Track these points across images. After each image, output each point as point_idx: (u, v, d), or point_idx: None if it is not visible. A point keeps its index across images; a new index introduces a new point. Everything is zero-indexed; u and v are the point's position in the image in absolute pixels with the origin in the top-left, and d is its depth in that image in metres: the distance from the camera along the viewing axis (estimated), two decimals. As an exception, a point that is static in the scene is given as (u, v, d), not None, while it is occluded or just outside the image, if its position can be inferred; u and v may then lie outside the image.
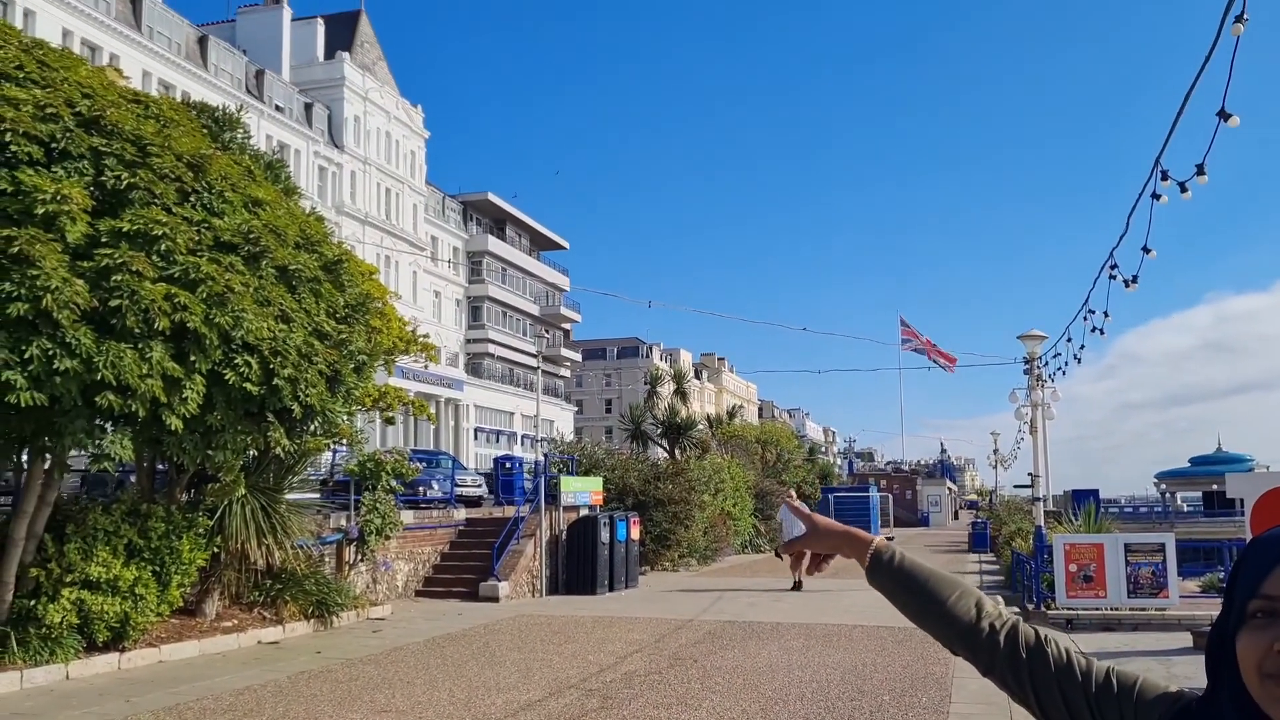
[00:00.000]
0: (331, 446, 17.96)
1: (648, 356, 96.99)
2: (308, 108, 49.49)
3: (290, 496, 15.14)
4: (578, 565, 20.71)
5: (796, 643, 13.57)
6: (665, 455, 33.68)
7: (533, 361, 49.04)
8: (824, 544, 1.93)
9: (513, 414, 65.69)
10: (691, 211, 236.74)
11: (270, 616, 14.37)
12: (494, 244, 66.37)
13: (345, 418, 14.83)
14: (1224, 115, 8.30)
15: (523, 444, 60.10)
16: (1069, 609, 15.53)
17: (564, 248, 78.61)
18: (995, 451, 56.18)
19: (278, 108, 47.14)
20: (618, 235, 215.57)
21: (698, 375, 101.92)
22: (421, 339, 21.52)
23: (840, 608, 17.44)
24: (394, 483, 17.85)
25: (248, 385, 10.75)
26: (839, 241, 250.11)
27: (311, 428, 13.11)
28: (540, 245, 75.74)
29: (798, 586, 20.49)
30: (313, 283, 12.38)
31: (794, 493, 34.34)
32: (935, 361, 59.28)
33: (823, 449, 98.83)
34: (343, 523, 16.98)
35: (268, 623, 14.18)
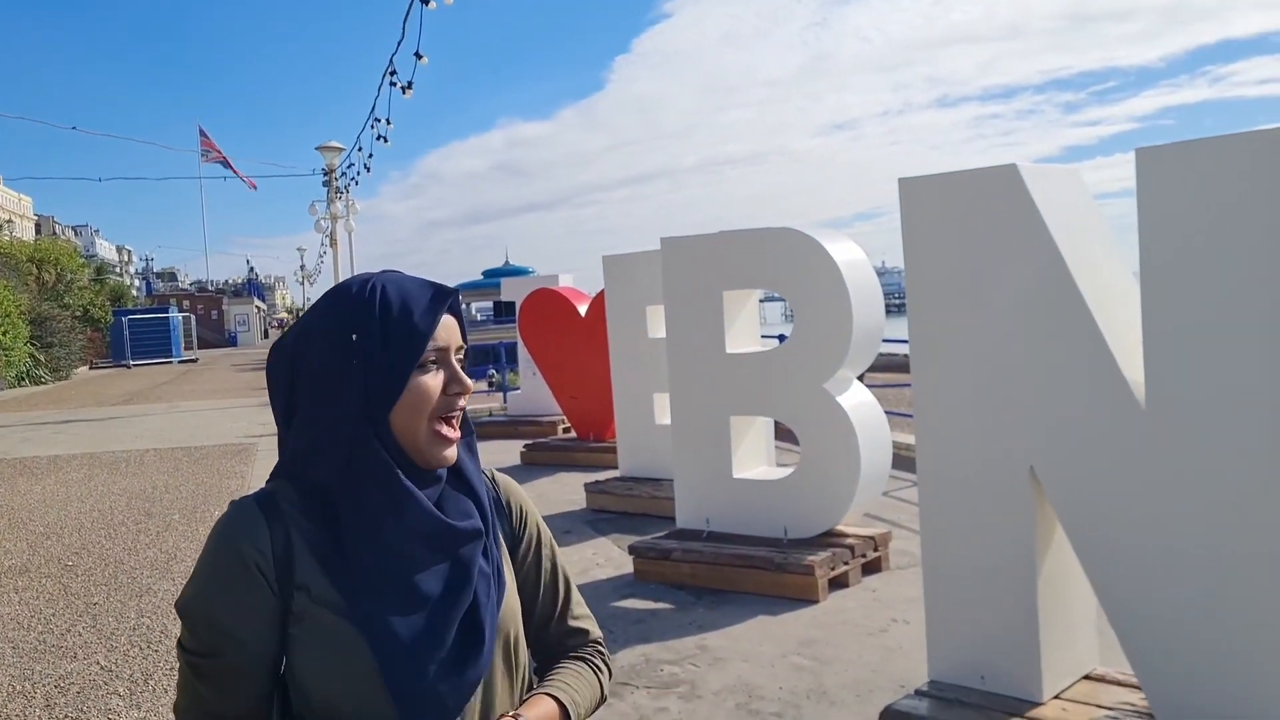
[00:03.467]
0: None
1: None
2: None
3: None
4: None
5: (78, 474, 12.43)
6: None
7: None
8: None
9: None
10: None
11: None
12: None
13: None
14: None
15: None
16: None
17: None
18: (302, 268, 56.37)
19: None
20: None
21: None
22: None
23: (131, 434, 16.35)
24: None
25: None
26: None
27: None
28: None
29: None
30: None
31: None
32: (235, 174, 56.73)
33: (116, 269, 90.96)
34: None
35: None
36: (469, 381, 1.46)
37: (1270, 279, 3.02)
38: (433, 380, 1.42)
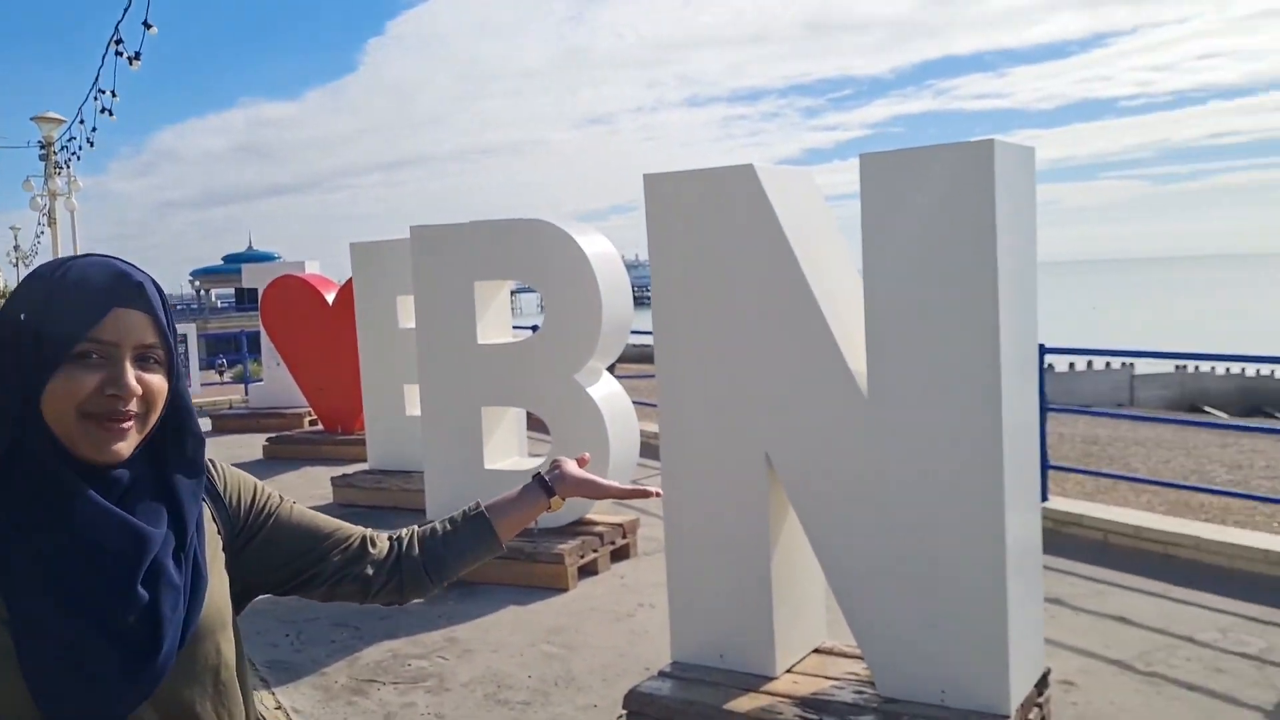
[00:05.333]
0: None
1: None
2: None
3: None
4: None
5: None
6: None
7: None
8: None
9: None
10: None
11: None
12: None
13: None
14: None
15: None
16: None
17: None
18: (16, 248, 51.57)
19: None
20: None
21: None
22: None
23: None
24: None
25: None
26: None
27: None
28: None
29: None
30: None
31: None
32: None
33: None
34: None
35: None
36: (131, 385, 1.34)
37: (976, 277, 3.31)
38: (85, 376, 1.32)
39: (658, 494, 1.94)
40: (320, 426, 11.46)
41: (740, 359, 3.84)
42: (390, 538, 1.75)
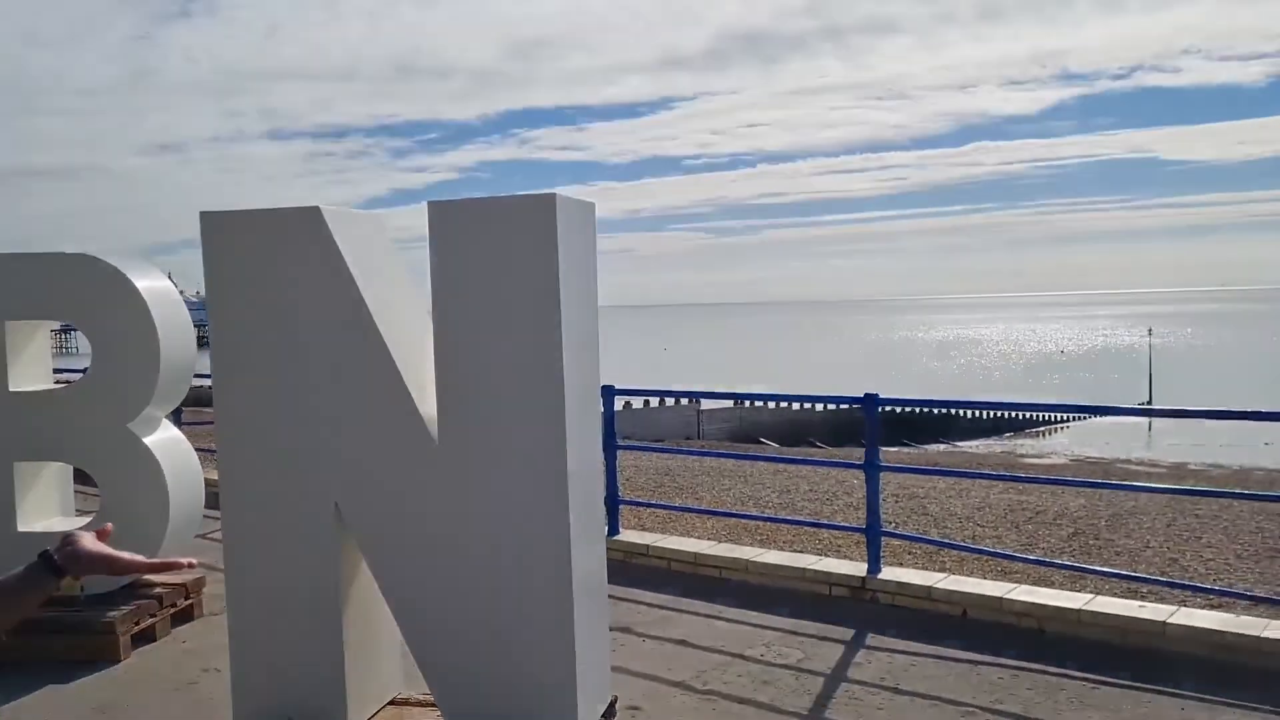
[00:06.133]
0: None
1: None
2: None
3: None
4: None
5: None
6: None
7: None
8: None
9: None
10: None
11: None
12: None
13: None
14: None
15: None
16: None
17: None
18: None
19: None
20: None
21: None
22: None
23: None
24: None
25: None
26: None
27: None
28: None
29: None
30: None
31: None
32: None
33: None
34: None
35: None
36: None
37: (540, 323, 3.44)
38: None
39: (190, 564, 1.77)
40: None
41: (307, 406, 3.71)
42: None
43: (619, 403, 9.26)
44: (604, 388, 7.18)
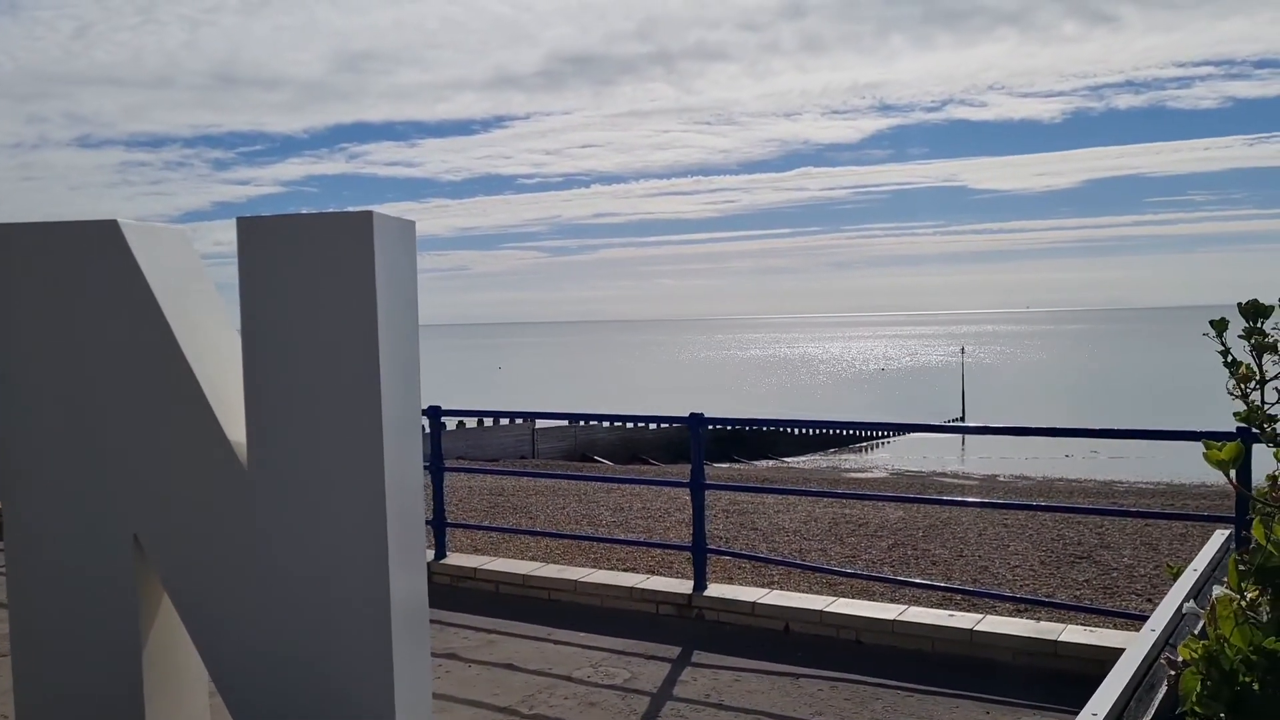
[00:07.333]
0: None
1: None
2: None
3: None
4: None
5: None
6: None
7: None
8: None
9: None
10: None
11: None
12: None
13: None
14: None
15: None
16: None
17: None
18: None
19: None
20: None
21: None
22: None
23: None
24: None
25: None
26: None
27: None
28: None
29: None
30: None
31: None
32: None
33: None
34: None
35: None
36: None
37: (356, 344, 3.32)
38: None
39: None
40: None
41: (103, 430, 3.49)
42: None
43: (450, 423, 9.12)
44: (431, 408, 7.05)
